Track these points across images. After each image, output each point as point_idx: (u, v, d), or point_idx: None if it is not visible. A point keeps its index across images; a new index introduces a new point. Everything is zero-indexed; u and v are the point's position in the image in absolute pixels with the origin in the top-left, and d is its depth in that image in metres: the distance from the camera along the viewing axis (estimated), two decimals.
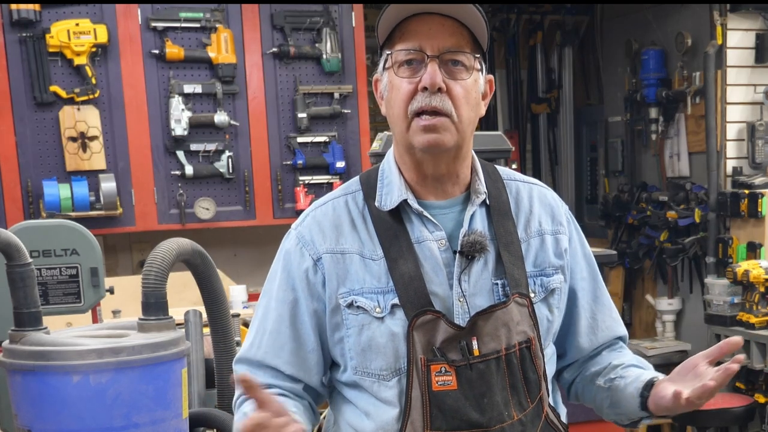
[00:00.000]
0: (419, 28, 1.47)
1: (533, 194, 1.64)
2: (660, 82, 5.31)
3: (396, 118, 1.50)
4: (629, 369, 1.63)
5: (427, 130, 1.46)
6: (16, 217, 3.97)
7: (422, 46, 1.46)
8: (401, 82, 1.48)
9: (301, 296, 1.54)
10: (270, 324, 1.55)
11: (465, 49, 1.48)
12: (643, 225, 5.54)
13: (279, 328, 1.54)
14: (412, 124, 1.48)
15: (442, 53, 1.46)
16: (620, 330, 1.72)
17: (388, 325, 1.49)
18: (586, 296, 1.67)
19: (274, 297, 1.56)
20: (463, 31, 1.48)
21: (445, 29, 1.47)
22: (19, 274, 1.37)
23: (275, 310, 1.55)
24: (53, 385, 1.24)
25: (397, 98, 1.49)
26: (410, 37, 1.47)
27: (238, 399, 1.56)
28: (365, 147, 4.42)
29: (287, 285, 1.55)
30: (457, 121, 1.47)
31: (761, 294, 4.39)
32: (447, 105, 1.46)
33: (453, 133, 1.48)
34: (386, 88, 1.53)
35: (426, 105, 1.45)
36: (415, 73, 1.47)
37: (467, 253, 1.51)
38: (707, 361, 1.48)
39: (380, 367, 1.51)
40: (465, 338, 1.49)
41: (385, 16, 1.47)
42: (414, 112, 1.47)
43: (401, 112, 1.48)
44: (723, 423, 4.40)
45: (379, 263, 1.52)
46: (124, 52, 4.11)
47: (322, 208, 1.59)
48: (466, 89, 1.48)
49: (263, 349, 1.55)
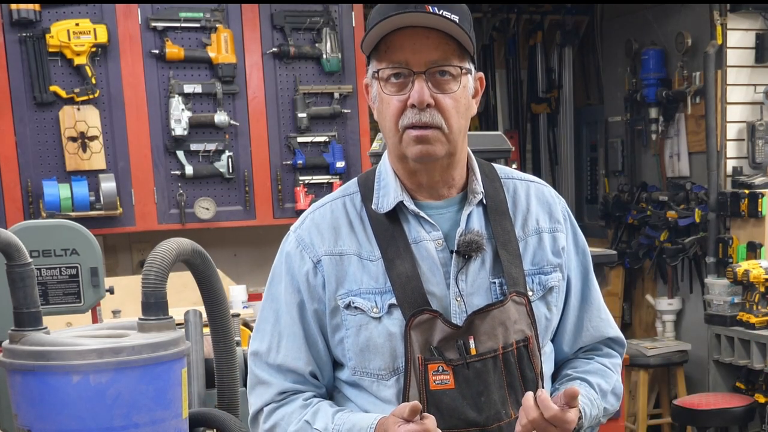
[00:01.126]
0: (404, 42, 1.45)
1: (531, 192, 1.64)
2: (660, 82, 5.31)
3: (388, 131, 1.51)
4: (568, 383, 1.62)
5: (418, 141, 1.47)
6: (16, 217, 3.97)
7: (408, 62, 1.45)
8: (389, 98, 1.48)
9: (305, 298, 1.55)
10: (284, 327, 1.56)
11: (452, 61, 1.47)
12: (643, 225, 5.55)
13: (294, 331, 1.55)
14: (404, 136, 1.48)
15: (429, 68, 1.45)
16: (609, 331, 1.70)
17: (386, 325, 1.50)
18: (574, 296, 1.66)
19: (283, 300, 1.57)
20: (448, 41, 1.46)
21: (430, 42, 1.45)
22: (19, 274, 1.36)
23: (287, 314, 1.56)
24: (53, 385, 1.24)
25: (387, 113, 1.49)
26: (395, 52, 1.46)
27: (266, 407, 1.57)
28: (365, 147, 4.42)
29: (293, 287, 1.56)
30: (447, 132, 1.48)
31: (761, 294, 4.39)
32: (437, 119, 1.46)
33: (444, 143, 1.48)
34: (376, 98, 1.53)
35: (416, 121, 1.46)
36: (403, 89, 1.46)
37: (464, 252, 1.52)
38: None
39: (378, 366, 1.52)
40: (462, 337, 1.49)
41: (371, 32, 1.45)
42: (405, 126, 1.47)
43: (392, 125, 1.49)
44: (723, 423, 4.40)
45: (377, 264, 1.52)
46: (124, 52, 4.11)
47: (320, 210, 1.60)
48: (455, 100, 1.48)
49: (282, 353, 1.56)
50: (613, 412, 1.67)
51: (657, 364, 4.96)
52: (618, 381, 1.68)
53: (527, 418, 1.43)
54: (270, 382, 1.57)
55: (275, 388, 1.57)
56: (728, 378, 4.69)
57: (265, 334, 1.59)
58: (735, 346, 4.50)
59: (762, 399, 4.41)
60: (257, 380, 1.59)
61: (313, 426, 1.51)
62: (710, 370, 4.74)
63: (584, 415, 1.53)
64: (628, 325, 5.99)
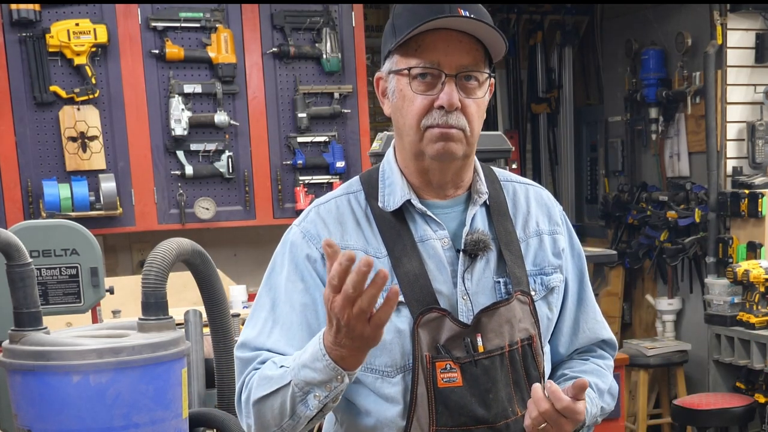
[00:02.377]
0: (437, 44, 1.46)
1: (530, 195, 1.66)
2: (660, 82, 5.31)
3: (408, 128, 1.51)
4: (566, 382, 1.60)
5: (441, 138, 1.47)
6: (16, 217, 3.97)
7: (440, 64, 1.46)
8: (415, 96, 1.48)
9: (312, 285, 1.53)
10: (280, 315, 1.53)
11: (481, 68, 1.49)
12: (643, 225, 5.55)
13: (291, 319, 1.52)
14: (425, 134, 1.49)
15: (460, 72, 1.47)
16: (604, 333, 1.71)
17: (394, 323, 1.49)
18: (571, 298, 1.67)
19: (282, 289, 1.54)
20: (478, 47, 1.48)
21: (462, 46, 1.47)
22: (19, 274, 1.37)
23: (285, 302, 1.53)
24: (53, 385, 1.24)
25: (411, 111, 1.49)
26: (427, 53, 1.47)
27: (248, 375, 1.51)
28: (365, 147, 4.42)
29: (296, 276, 1.54)
30: (469, 135, 1.49)
31: (761, 294, 4.39)
32: (462, 122, 1.47)
33: (464, 145, 1.50)
34: (394, 94, 1.52)
35: (442, 123, 1.47)
36: (430, 89, 1.47)
37: (470, 251, 1.53)
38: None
39: (385, 363, 1.52)
40: (469, 335, 1.50)
41: (404, 28, 1.45)
42: (428, 126, 1.48)
43: (414, 123, 1.49)
44: (723, 423, 4.40)
45: (383, 261, 1.52)
46: (124, 52, 4.11)
47: (325, 205, 1.59)
48: (479, 105, 1.50)
49: (274, 338, 1.52)
50: (609, 411, 1.68)
51: (657, 364, 4.95)
52: (613, 381, 1.70)
53: (538, 410, 1.43)
54: (256, 355, 1.51)
55: (260, 358, 1.51)
56: (728, 378, 4.69)
57: (258, 321, 1.55)
58: (735, 346, 4.50)
59: (762, 399, 4.41)
60: (242, 362, 1.53)
61: (279, 364, 1.46)
62: (710, 370, 4.74)
63: (586, 413, 1.53)
64: (628, 325, 5.99)
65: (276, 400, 1.43)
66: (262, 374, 1.47)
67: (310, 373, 1.37)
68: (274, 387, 1.43)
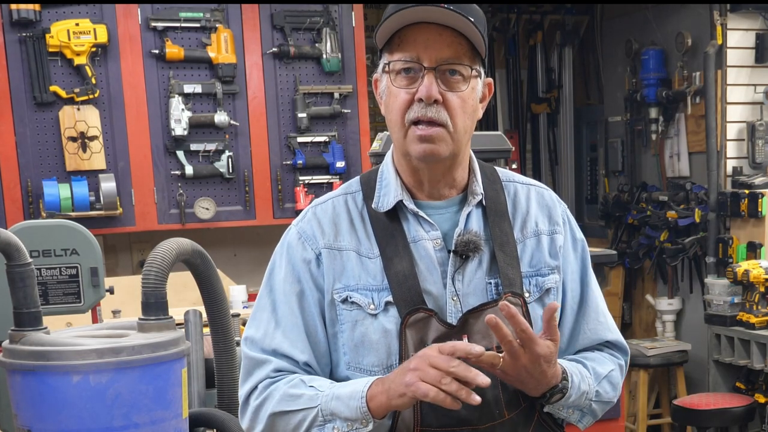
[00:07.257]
0: (417, 37, 1.46)
1: (531, 195, 1.64)
2: (660, 82, 5.31)
3: (393, 125, 1.52)
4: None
5: (422, 140, 1.47)
6: (16, 217, 3.97)
7: (420, 57, 1.46)
8: (398, 91, 1.49)
9: (306, 287, 1.55)
10: (281, 317, 1.55)
11: (463, 61, 1.48)
12: (643, 225, 5.55)
13: (292, 321, 1.54)
14: (408, 132, 1.49)
15: (440, 64, 1.46)
16: (608, 334, 1.66)
17: (381, 322, 1.51)
18: (571, 298, 1.64)
19: (281, 290, 1.56)
20: (461, 40, 1.47)
21: (443, 39, 1.46)
22: (19, 274, 1.37)
23: (285, 304, 1.55)
24: (53, 385, 1.24)
25: (394, 106, 1.49)
26: (408, 47, 1.47)
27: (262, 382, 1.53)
28: (365, 147, 4.43)
29: (293, 277, 1.56)
30: (452, 131, 1.48)
31: (761, 294, 4.39)
32: (443, 115, 1.46)
33: (448, 143, 1.49)
34: (384, 92, 1.54)
35: (422, 116, 1.46)
36: (412, 83, 1.47)
37: (461, 252, 1.52)
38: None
39: (372, 363, 1.52)
40: (456, 336, 1.49)
41: (385, 24, 1.47)
42: (411, 121, 1.48)
43: (398, 119, 1.49)
44: (723, 423, 4.40)
45: (375, 261, 1.53)
46: (124, 52, 4.11)
47: (322, 206, 1.61)
48: (462, 99, 1.48)
49: (278, 340, 1.54)
50: (608, 402, 1.63)
51: (657, 364, 4.95)
52: (616, 372, 1.64)
53: (496, 337, 1.40)
54: (268, 360, 1.54)
55: (272, 365, 1.54)
56: (728, 378, 4.69)
57: (261, 322, 1.57)
58: (735, 346, 4.50)
59: (762, 399, 4.41)
60: (253, 361, 1.56)
61: (308, 384, 1.49)
62: (710, 370, 4.74)
63: (571, 383, 1.51)
64: (628, 325, 5.99)
65: (295, 417, 1.49)
66: (286, 391, 1.50)
67: (341, 406, 1.44)
68: (299, 407, 1.48)
